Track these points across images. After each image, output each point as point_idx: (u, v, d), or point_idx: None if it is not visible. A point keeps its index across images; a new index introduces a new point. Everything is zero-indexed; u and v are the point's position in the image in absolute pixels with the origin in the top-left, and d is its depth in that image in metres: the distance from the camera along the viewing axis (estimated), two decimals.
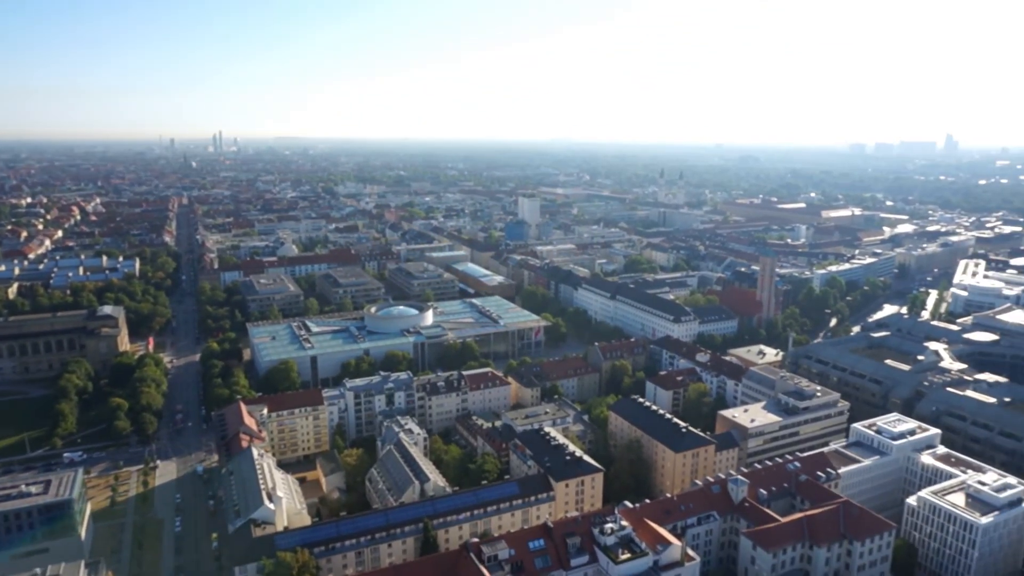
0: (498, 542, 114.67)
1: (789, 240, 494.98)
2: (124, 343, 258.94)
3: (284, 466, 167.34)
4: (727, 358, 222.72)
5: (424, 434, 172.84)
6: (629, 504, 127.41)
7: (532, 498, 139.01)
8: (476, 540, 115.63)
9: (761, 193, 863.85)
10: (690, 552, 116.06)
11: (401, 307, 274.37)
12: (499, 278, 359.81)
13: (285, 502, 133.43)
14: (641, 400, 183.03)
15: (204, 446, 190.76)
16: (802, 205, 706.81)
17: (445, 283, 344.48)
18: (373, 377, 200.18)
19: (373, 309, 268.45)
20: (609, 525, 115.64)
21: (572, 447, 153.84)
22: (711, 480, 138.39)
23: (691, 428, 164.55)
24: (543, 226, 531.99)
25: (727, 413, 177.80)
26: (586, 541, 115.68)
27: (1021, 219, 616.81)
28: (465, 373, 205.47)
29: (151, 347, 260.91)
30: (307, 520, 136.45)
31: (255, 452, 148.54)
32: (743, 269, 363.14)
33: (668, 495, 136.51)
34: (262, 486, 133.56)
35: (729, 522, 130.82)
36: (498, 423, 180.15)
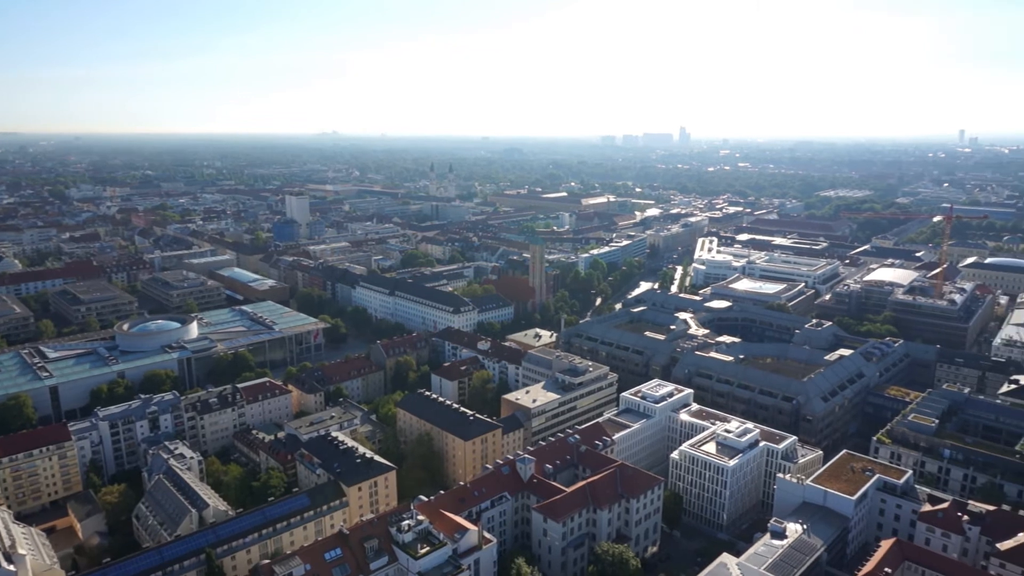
0: (291, 559, 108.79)
1: (555, 228, 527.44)
2: None
3: (25, 518, 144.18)
4: (506, 344, 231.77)
5: (198, 457, 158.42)
6: (424, 498, 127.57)
7: (324, 507, 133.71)
8: (267, 562, 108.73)
9: (527, 184, 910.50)
10: (487, 535, 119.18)
11: (160, 321, 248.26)
12: (270, 282, 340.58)
13: (30, 560, 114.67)
14: (428, 393, 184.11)
15: None
16: (564, 194, 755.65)
17: (209, 291, 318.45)
18: (132, 402, 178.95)
19: (126, 326, 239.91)
20: (406, 522, 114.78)
21: (362, 449, 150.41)
22: (501, 463, 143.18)
23: (478, 415, 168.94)
24: (314, 225, 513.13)
25: (510, 396, 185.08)
26: (384, 542, 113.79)
27: (742, 200, 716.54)
28: (240, 386, 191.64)
29: None
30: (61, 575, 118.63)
31: None
32: (515, 257, 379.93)
33: (462, 483, 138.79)
34: None
35: (521, 500, 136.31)
36: (281, 434, 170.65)
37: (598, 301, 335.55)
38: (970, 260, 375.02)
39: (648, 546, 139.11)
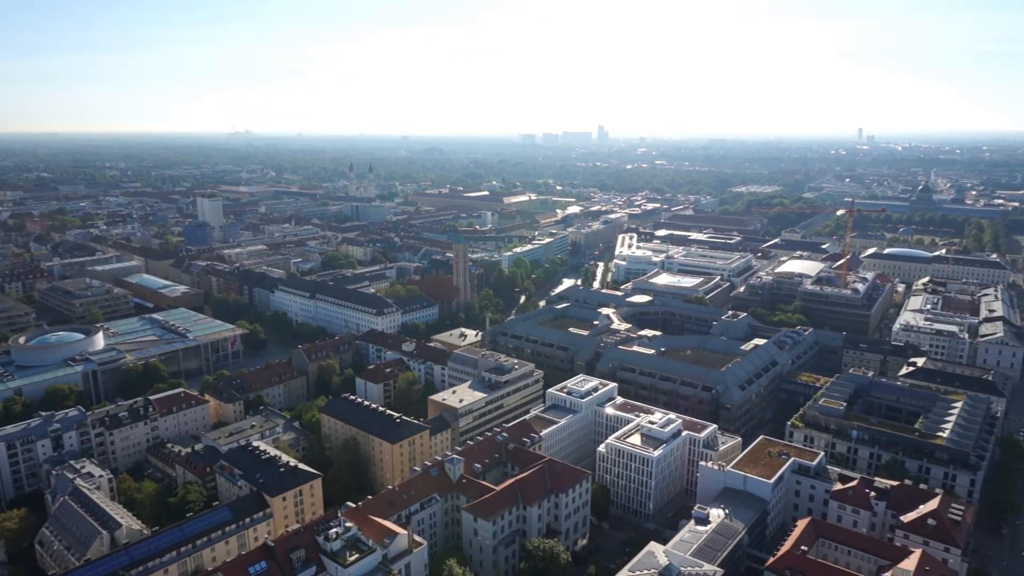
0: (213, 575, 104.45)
1: (477, 226, 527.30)
2: None
3: None
4: (432, 344, 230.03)
5: (108, 475, 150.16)
6: (352, 504, 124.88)
7: (247, 519, 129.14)
8: None
9: (448, 183, 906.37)
10: (417, 538, 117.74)
11: (61, 332, 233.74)
12: (183, 288, 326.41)
13: None
14: (353, 397, 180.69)
15: None
16: (486, 193, 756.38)
17: (116, 299, 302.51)
18: (31, 420, 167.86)
19: (22, 339, 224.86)
20: (334, 530, 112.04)
21: (285, 458, 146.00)
22: (429, 464, 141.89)
23: (405, 417, 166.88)
24: (228, 228, 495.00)
25: (437, 397, 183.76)
26: (311, 552, 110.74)
27: (660, 197, 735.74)
28: (153, 398, 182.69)
29: None
30: None
31: None
32: (438, 257, 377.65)
33: (390, 487, 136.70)
34: None
35: (450, 501, 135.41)
36: (199, 446, 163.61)
37: (522, 299, 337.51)
38: (870, 251, 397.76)
39: (578, 539, 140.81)
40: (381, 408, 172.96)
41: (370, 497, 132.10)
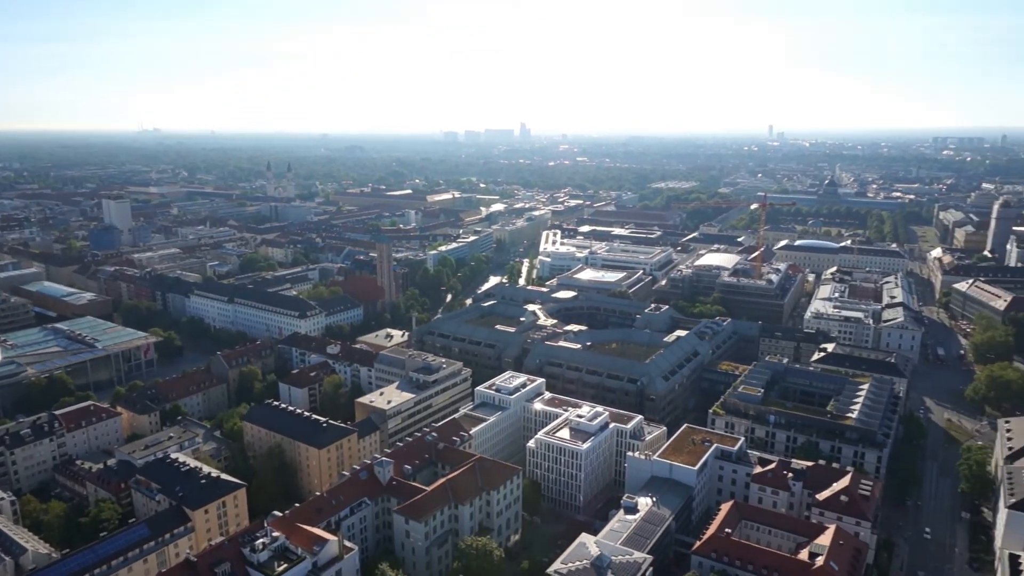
0: None
1: (401, 226, 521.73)
2: None
3: None
4: (357, 346, 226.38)
5: (10, 497, 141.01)
6: (279, 513, 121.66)
7: (167, 535, 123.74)
8: None
9: (370, 182, 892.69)
10: (347, 543, 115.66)
11: None
12: (89, 295, 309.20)
13: None
14: (276, 403, 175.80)
15: None
16: (409, 192, 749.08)
17: (14, 309, 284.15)
18: None
19: None
20: (260, 541, 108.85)
21: (207, 469, 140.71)
22: (358, 468, 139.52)
23: (331, 421, 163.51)
24: (138, 230, 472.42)
25: (364, 399, 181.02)
26: (237, 564, 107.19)
27: (582, 193, 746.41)
28: (58, 412, 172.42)
29: None
30: None
31: None
32: (362, 257, 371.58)
33: (318, 493, 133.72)
34: None
35: (381, 504, 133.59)
36: (112, 461, 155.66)
37: (448, 297, 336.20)
38: (783, 243, 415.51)
39: (510, 535, 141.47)
40: (307, 413, 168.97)
41: (298, 505, 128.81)
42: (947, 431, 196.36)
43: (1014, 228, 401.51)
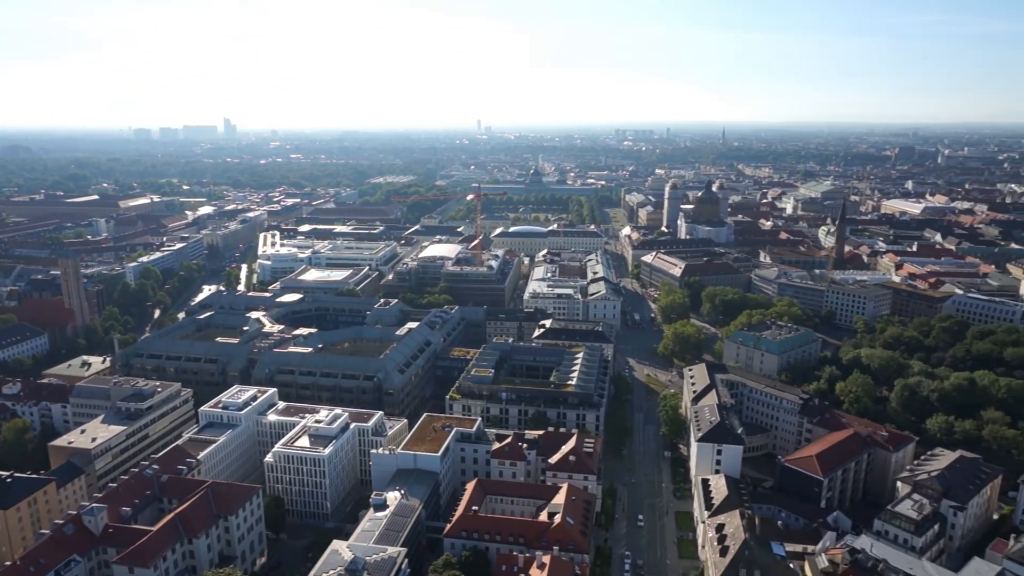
0: None
1: (89, 236, 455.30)
2: None
3: None
4: (45, 381, 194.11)
5: None
6: None
7: None
8: None
9: (43, 188, 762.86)
10: None
11: None
12: None
13: None
14: None
15: None
16: (95, 197, 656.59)
17: None
18: None
19: None
20: None
21: None
22: (60, 522, 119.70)
23: (19, 474, 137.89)
24: None
25: (60, 442, 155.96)
26: None
27: (299, 191, 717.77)
28: None
29: None
30: None
31: None
32: (40, 276, 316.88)
33: (8, 563, 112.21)
34: None
35: (97, 557, 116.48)
36: None
37: (157, 313, 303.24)
38: (498, 231, 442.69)
39: (256, 559, 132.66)
40: None
41: None
42: (647, 385, 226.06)
43: (682, 206, 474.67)
